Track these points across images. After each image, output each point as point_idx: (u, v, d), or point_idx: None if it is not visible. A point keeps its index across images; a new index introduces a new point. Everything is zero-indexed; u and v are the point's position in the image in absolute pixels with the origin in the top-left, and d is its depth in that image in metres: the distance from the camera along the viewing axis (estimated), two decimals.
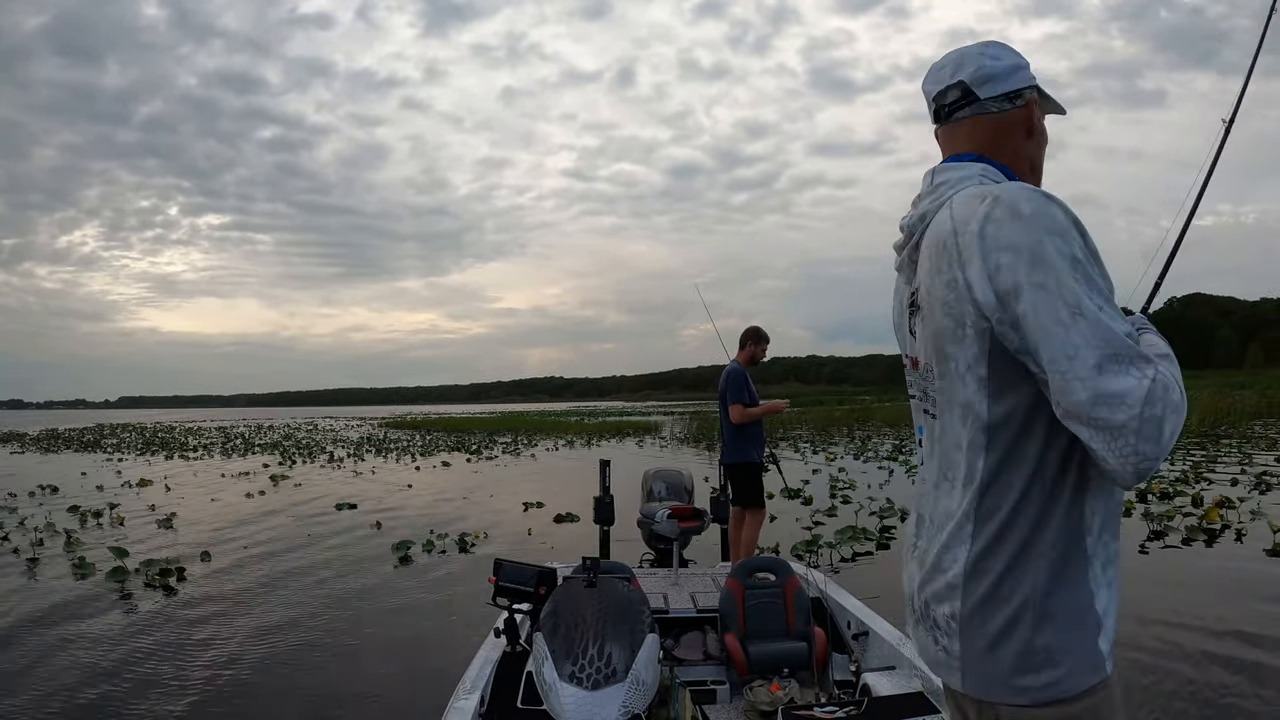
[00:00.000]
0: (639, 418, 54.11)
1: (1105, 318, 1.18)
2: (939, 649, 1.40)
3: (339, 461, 23.56)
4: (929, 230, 1.40)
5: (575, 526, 11.07)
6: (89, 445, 34.46)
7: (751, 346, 6.17)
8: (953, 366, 1.34)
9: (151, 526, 11.59)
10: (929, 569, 1.40)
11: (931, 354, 1.40)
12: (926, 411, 1.47)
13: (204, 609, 7.02)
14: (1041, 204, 1.24)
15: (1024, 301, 1.21)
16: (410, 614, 6.82)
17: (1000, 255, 1.24)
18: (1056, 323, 1.19)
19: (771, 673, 3.70)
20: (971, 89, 1.47)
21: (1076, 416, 1.18)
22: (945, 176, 1.43)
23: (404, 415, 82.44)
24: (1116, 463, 1.17)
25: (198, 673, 5.34)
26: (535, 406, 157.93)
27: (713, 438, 28.16)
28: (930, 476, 1.44)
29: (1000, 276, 1.24)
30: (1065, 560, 1.29)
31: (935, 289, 1.35)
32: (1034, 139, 1.50)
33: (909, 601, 1.48)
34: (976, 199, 1.30)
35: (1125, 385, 1.15)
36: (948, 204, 1.36)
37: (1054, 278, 1.20)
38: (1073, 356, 1.17)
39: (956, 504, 1.36)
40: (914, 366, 1.51)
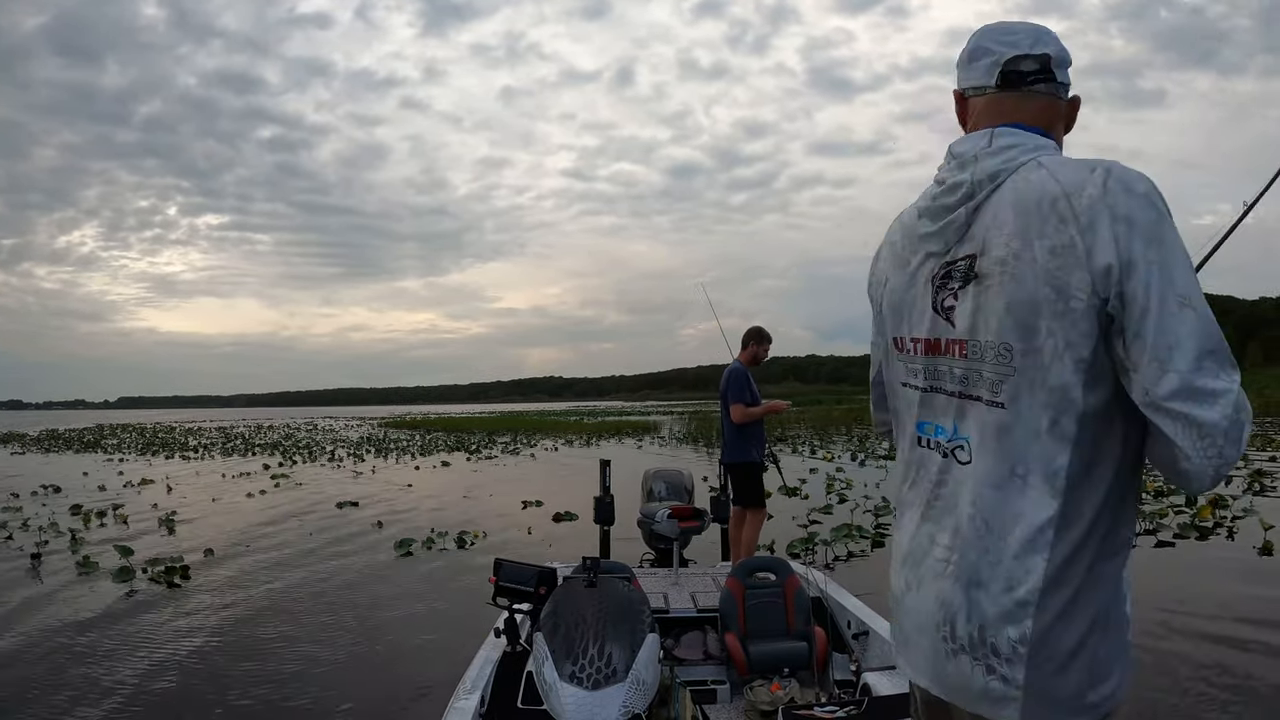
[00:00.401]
0: (638, 417, 54.25)
1: (1208, 314, 1.15)
2: (993, 679, 1.23)
3: (339, 461, 23.67)
4: (1005, 190, 1.28)
5: (574, 525, 11.18)
6: (89, 445, 34.58)
7: (754, 346, 6.18)
8: (1047, 344, 1.21)
9: (154, 526, 11.69)
10: (984, 585, 1.24)
11: (997, 329, 1.25)
12: (971, 398, 1.30)
13: (209, 606, 7.12)
14: (1152, 187, 1.19)
15: (1136, 279, 1.15)
16: (412, 610, 6.93)
17: (1119, 226, 1.17)
18: (1165, 308, 1.13)
19: (772, 672, 3.70)
20: (1051, 67, 1.38)
21: (1165, 409, 1.13)
22: (1015, 140, 1.32)
23: (403, 415, 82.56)
24: (1200, 461, 1.12)
25: (203, 668, 5.44)
26: (534, 406, 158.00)
27: (711, 437, 28.32)
28: (991, 472, 1.26)
29: (1119, 248, 1.16)
30: (1120, 560, 1.25)
31: (1029, 253, 1.22)
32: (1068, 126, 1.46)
33: (941, 626, 1.29)
34: (1083, 167, 1.23)
35: (1220, 385, 1.12)
36: (1037, 165, 1.27)
37: (1169, 260, 1.15)
38: (1174, 346, 1.12)
39: (1033, 506, 1.22)
40: (930, 350, 1.36)
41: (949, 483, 1.33)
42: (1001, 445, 1.25)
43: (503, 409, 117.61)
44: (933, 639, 1.31)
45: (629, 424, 43.82)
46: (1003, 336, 1.24)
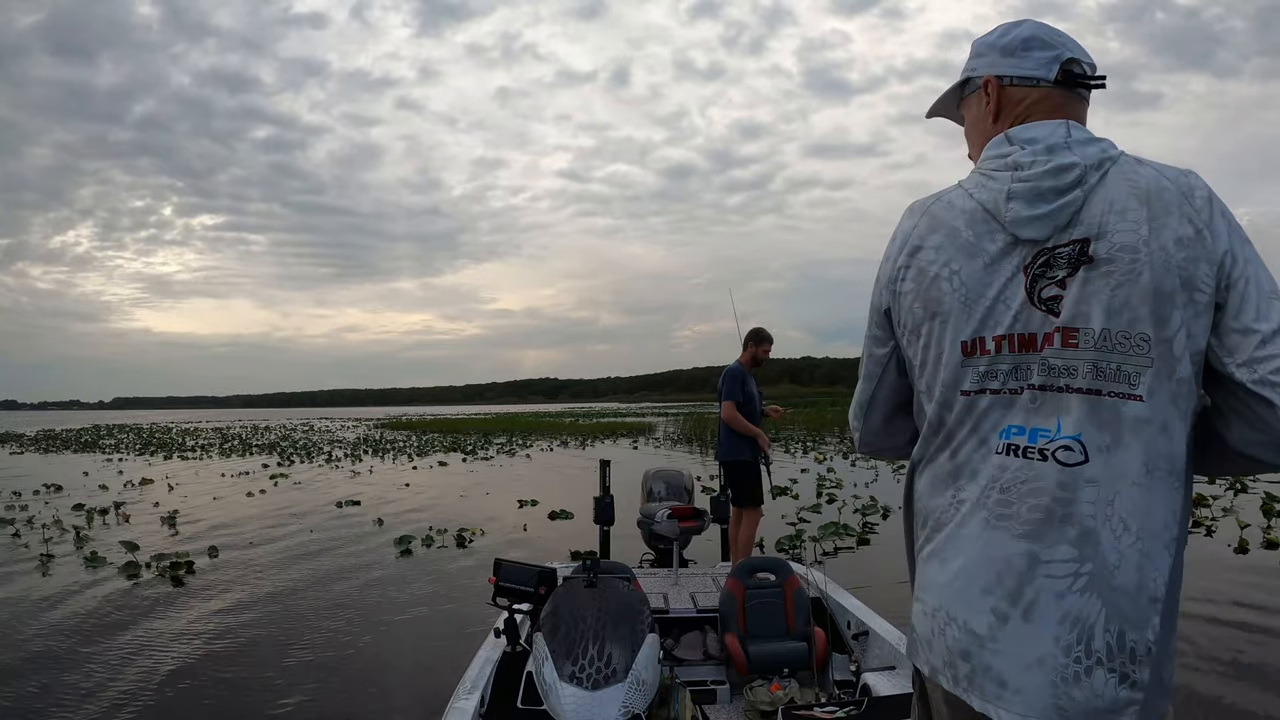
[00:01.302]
0: (633, 419, 54.46)
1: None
2: (1124, 687, 1.17)
3: (337, 462, 23.83)
4: (1116, 178, 1.26)
5: (569, 523, 11.43)
6: (87, 446, 34.69)
7: (753, 347, 6.18)
8: (1179, 335, 1.20)
9: (158, 524, 11.89)
10: (1124, 588, 1.18)
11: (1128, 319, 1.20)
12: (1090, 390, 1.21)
13: (214, 602, 7.34)
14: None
15: (1239, 269, 1.22)
16: (413, 607, 7.16)
17: (1223, 219, 1.24)
18: (1264, 295, 1.21)
19: (771, 673, 3.69)
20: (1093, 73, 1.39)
21: (1273, 383, 1.17)
22: (1092, 136, 1.32)
23: (399, 416, 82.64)
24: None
25: (208, 663, 5.62)
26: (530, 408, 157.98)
27: (705, 438, 28.56)
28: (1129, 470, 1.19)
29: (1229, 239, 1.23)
30: None
31: (1158, 242, 1.20)
32: None
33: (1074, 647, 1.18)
34: (1178, 170, 1.28)
35: None
36: (1135, 161, 1.28)
37: (1257, 257, 1.24)
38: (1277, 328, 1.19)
39: (1163, 501, 1.20)
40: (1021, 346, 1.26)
41: (1057, 489, 1.22)
42: (1139, 440, 1.19)
43: (498, 410, 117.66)
44: (1059, 666, 1.19)
45: (624, 425, 44.05)
46: (1137, 326, 1.19)
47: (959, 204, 1.33)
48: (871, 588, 6.45)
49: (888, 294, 1.39)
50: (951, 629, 1.27)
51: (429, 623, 6.60)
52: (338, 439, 37.52)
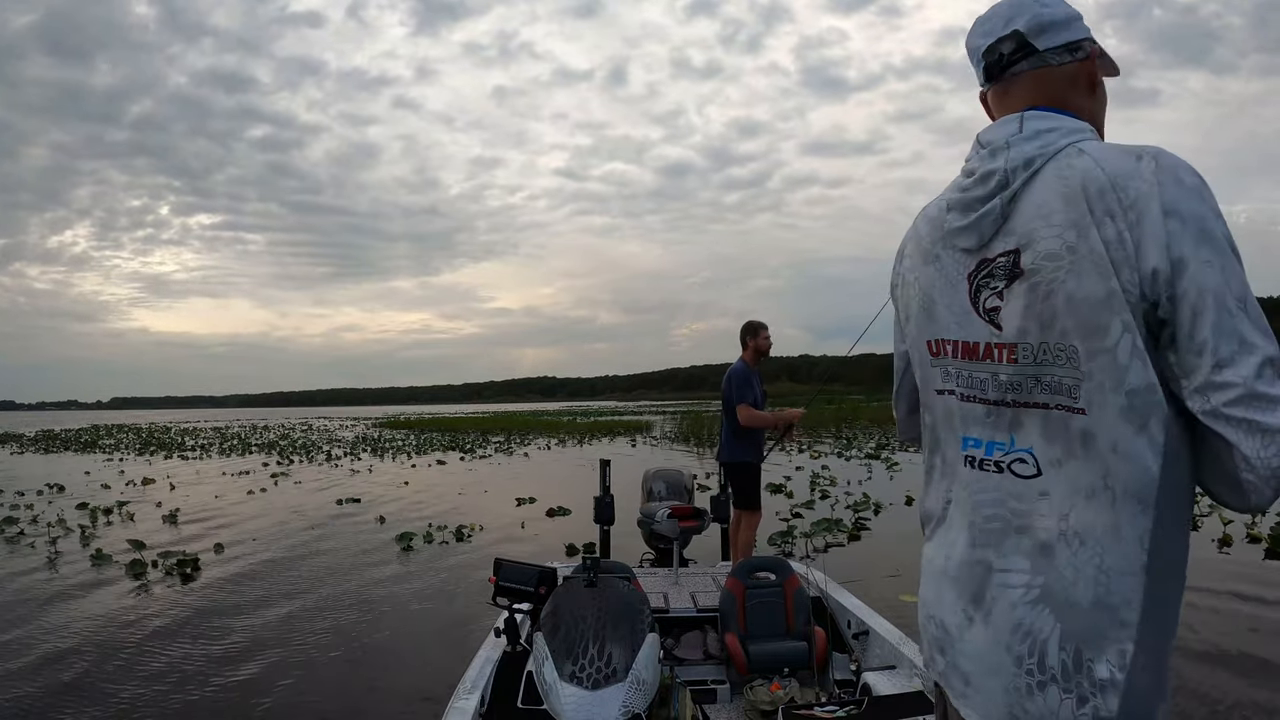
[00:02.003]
0: (631, 417, 54.63)
1: (1263, 318, 1.08)
2: (1084, 710, 1.13)
3: (336, 461, 24.00)
4: (1047, 178, 1.18)
5: (567, 520, 11.62)
6: (87, 446, 34.83)
7: (752, 341, 6.04)
8: (1123, 341, 1.11)
9: (161, 522, 12.07)
10: (1081, 605, 1.14)
11: (1060, 330, 1.15)
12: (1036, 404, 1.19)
13: (220, 597, 7.51)
14: (1202, 180, 1.11)
15: (1188, 279, 1.07)
16: (415, 598, 7.36)
17: (1170, 221, 1.08)
18: (1222, 310, 1.06)
19: (772, 672, 3.69)
20: (1028, 39, 1.28)
21: (1226, 416, 1.06)
22: (1050, 124, 1.22)
23: (397, 415, 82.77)
24: (1263, 472, 1.05)
25: (215, 659, 5.73)
26: (528, 406, 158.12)
27: (702, 436, 28.74)
28: (1081, 484, 1.15)
29: (1170, 245, 1.08)
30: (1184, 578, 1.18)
31: (1085, 245, 1.12)
32: (1097, 99, 1.32)
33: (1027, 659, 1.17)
34: (1129, 153, 1.13)
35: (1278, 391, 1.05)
36: (1077, 152, 1.17)
37: (1221, 260, 1.07)
38: (1236, 351, 1.05)
39: (1128, 520, 1.12)
40: (968, 354, 1.26)
41: (1013, 501, 1.21)
42: (1089, 454, 1.14)
43: (496, 409, 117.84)
44: (1011, 675, 1.18)
45: (621, 424, 44.21)
46: (1068, 338, 1.14)
47: (931, 211, 1.35)
48: (863, 581, 6.66)
49: (892, 296, 1.47)
50: (931, 625, 1.33)
51: (431, 617, 6.76)
52: (336, 438, 37.68)
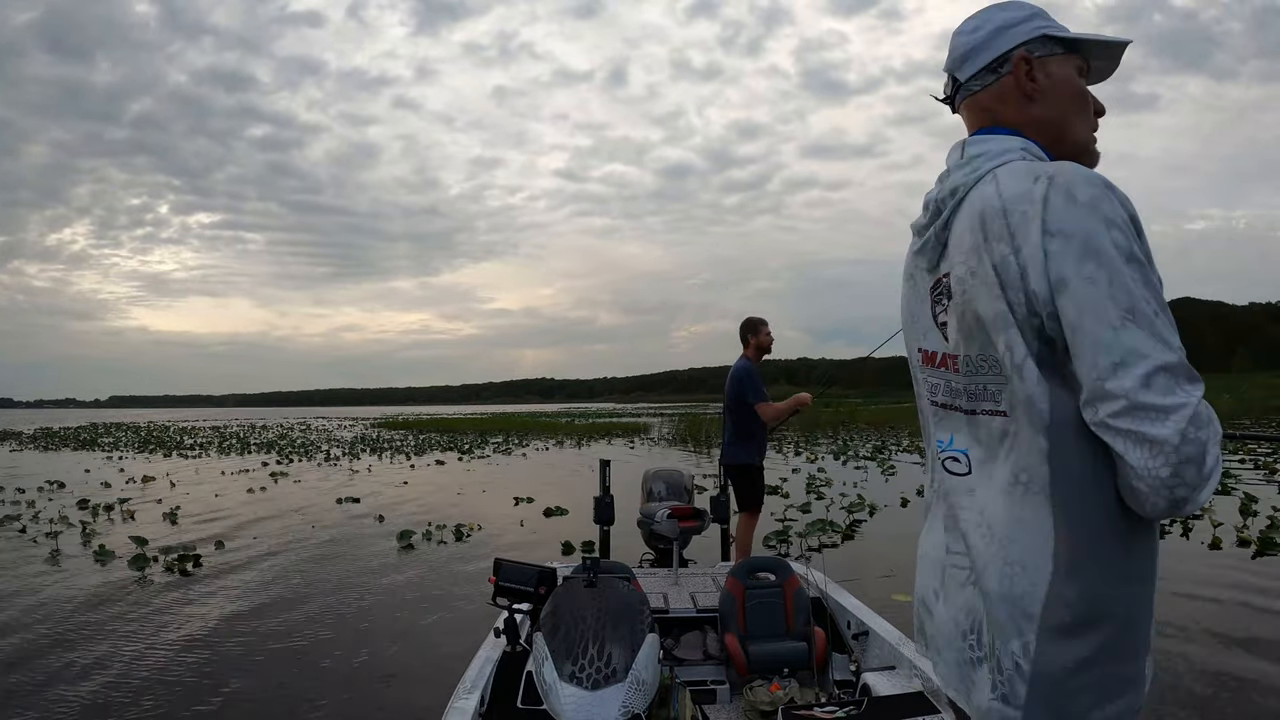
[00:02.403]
0: (629, 419, 54.74)
1: (1160, 324, 1.09)
2: (994, 697, 1.22)
3: (335, 460, 24.09)
4: (965, 206, 1.27)
5: (564, 519, 11.73)
6: (86, 444, 34.90)
7: (753, 338, 5.97)
8: (1008, 358, 1.20)
9: (162, 520, 12.14)
10: (988, 596, 1.23)
11: (978, 344, 1.25)
12: (968, 411, 1.30)
13: (221, 593, 7.60)
14: (1100, 191, 1.13)
15: (1068, 296, 1.12)
16: (415, 594, 7.46)
17: (1051, 241, 1.13)
18: (1104, 324, 1.09)
19: (771, 672, 3.69)
20: (956, 76, 1.39)
21: (1112, 428, 1.09)
22: (981, 148, 1.30)
23: (396, 416, 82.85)
24: (1152, 480, 1.08)
25: (216, 654, 5.79)
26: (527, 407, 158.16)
27: (700, 438, 28.81)
28: (999, 484, 1.25)
29: (1050, 265, 1.13)
30: (1146, 584, 1.21)
31: (982, 269, 1.21)
32: (1040, 101, 1.34)
33: (968, 635, 1.28)
34: (1028, 176, 1.19)
35: (1173, 400, 1.06)
36: (991, 178, 1.24)
37: (1106, 273, 1.10)
38: (1119, 363, 1.08)
39: (1034, 515, 1.20)
40: (940, 364, 1.35)
41: (960, 492, 1.32)
42: (1006, 453, 1.23)
43: (495, 410, 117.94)
44: (959, 649, 1.30)
45: (620, 425, 44.32)
46: (986, 350, 1.23)
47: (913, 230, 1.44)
48: (857, 581, 6.75)
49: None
50: (917, 603, 1.45)
51: (431, 614, 6.85)
52: (335, 438, 37.77)
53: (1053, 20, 1.36)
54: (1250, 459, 16.76)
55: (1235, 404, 33.20)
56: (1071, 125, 1.35)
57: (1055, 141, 1.33)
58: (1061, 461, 1.17)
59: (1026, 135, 1.32)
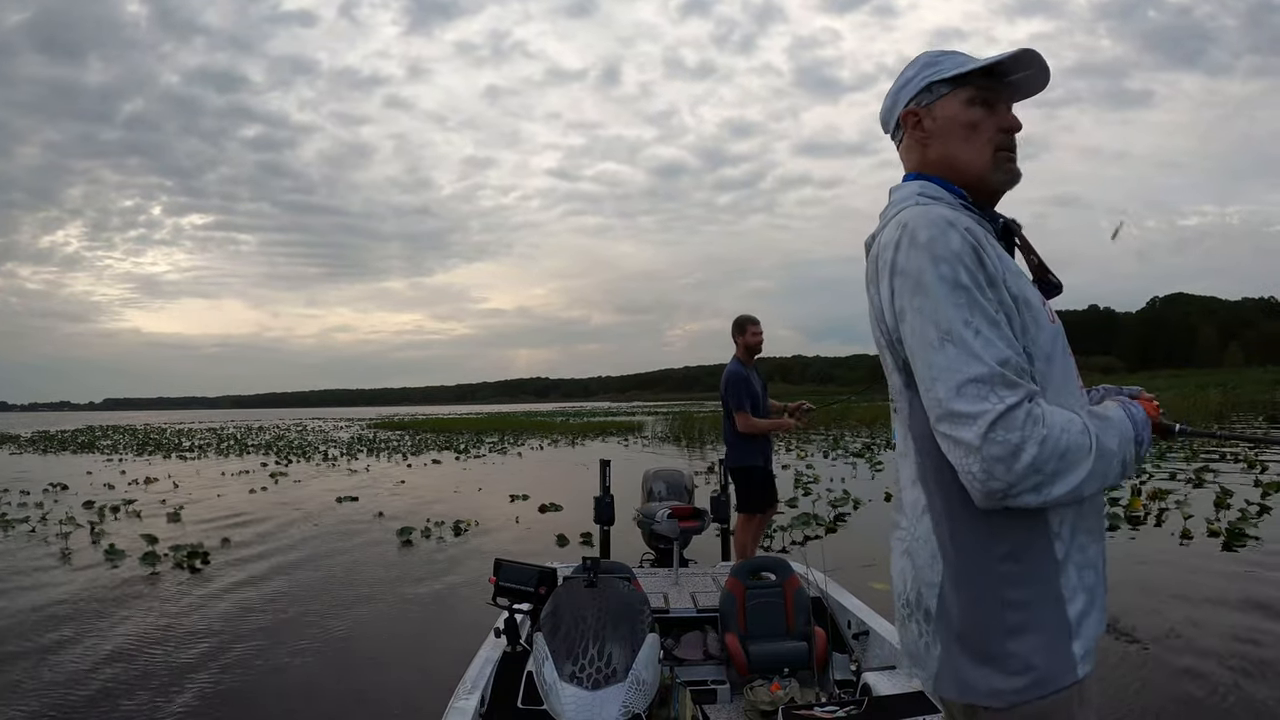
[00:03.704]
0: (623, 418, 54.88)
1: (977, 342, 1.23)
2: (919, 644, 1.41)
3: (333, 461, 24.33)
4: (871, 249, 1.47)
5: (558, 515, 12.08)
6: (84, 446, 35.07)
7: (740, 338, 5.83)
8: (887, 374, 1.45)
9: (167, 519, 12.43)
10: (915, 560, 1.42)
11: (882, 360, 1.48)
12: (895, 410, 1.50)
13: (231, 587, 7.91)
14: (937, 231, 1.29)
15: (905, 324, 1.31)
16: (416, 588, 7.81)
17: (895, 280, 1.32)
18: (926, 345, 1.26)
19: (772, 672, 3.69)
20: (886, 130, 1.60)
21: (937, 432, 1.27)
22: (892, 197, 1.50)
23: (391, 416, 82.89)
24: (966, 478, 1.24)
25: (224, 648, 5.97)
26: (522, 407, 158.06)
27: (693, 436, 29.16)
28: (906, 472, 1.46)
29: (894, 300, 1.33)
30: (1032, 565, 1.31)
31: (871, 302, 1.44)
32: (935, 142, 1.50)
33: (900, 595, 1.47)
34: (896, 225, 1.36)
35: (979, 408, 1.20)
36: (888, 225, 1.42)
37: (931, 303, 1.26)
38: (936, 378, 1.25)
39: (918, 503, 1.41)
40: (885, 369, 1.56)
41: (898, 477, 1.52)
42: (904, 446, 1.45)
43: (490, 410, 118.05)
44: (900, 607, 1.48)
45: (614, 424, 44.56)
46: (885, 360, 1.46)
47: None
48: (844, 569, 7.09)
49: None
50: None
51: (432, 608, 7.14)
52: (332, 439, 37.96)
53: (944, 61, 1.50)
54: (1231, 453, 17.02)
55: (1223, 399, 33.51)
56: (960, 158, 1.48)
57: (953, 175, 1.48)
58: (926, 456, 1.38)
59: (930, 175, 1.49)
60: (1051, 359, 1.35)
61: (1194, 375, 69.75)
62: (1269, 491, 11.48)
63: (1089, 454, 1.22)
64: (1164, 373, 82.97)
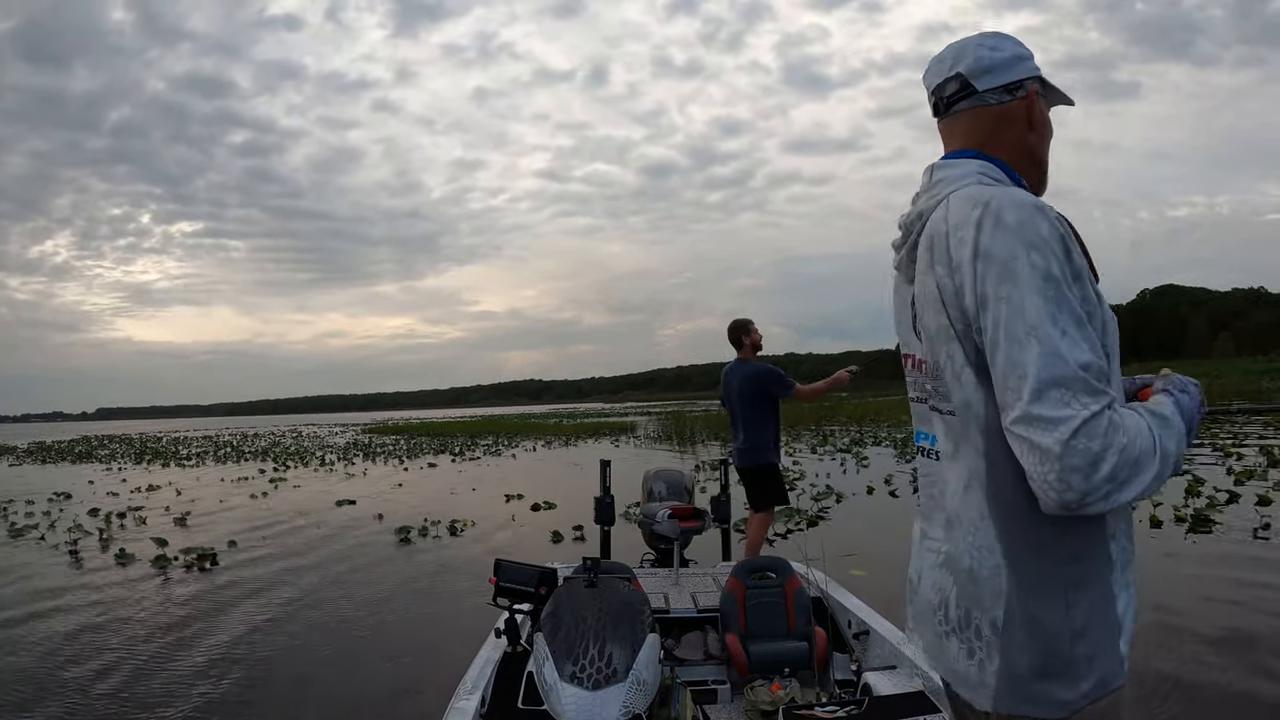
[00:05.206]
0: (616, 419, 55.17)
1: (1064, 343, 1.16)
2: (972, 663, 1.32)
3: (330, 466, 24.63)
4: (925, 229, 1.36)
5: (551, 513, 12.51)
6: (82, 456, 35.26)
7: (748, 339, 6.04)
8: (950, 367, 1.32)
9: (173, 525, 12.75)
10: (966, 575, 1.34)
11: (933, 352, 1.37)
12: (937, 410, 1.42)
13: (240, 587, 8.29)
14: (1027, 215, 1.22)
15: (988, 313, 1.22)
16: (416, 584, 8.22)
17: (979, 264, 1.23)
18: (1011, 339, 1.18)
19: (772, 672, 3.67)
20: (969, 80, 1.43)
21: (1013, 434, 1.19)
22: (943, 174, 1.40)
23: (385, 421, 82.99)
24: (1040, 485, 1.17)
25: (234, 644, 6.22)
26: (515, 409, 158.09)
27: (684, 435, 29.54)
28: (958, 476, 1.37)
29: (977, 285, 1.24)
30: (1092, 566, 1.28)
31: (929, 289, 1.33)
32: (1036, 131, 1.46)
33: (937, 610, 1.40)
34: (969, 203, 1.28)
35: (1062, 413, 1.14)
36: (944, 204, 1.33)
37: (1019, 293, 1.18)
38: (1022, 375, 1.17)
39: (979, 509, 1.32)
40: (916, 367, 1.47)
41: (934, 484, 1.44)
42: (959, 451, 1.35)
43: (483, 413, 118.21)
44: (932, 624, 1.41)
45: (607, 425, 44.88)
46: (937, 358, 1.35)
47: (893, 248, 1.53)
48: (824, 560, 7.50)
49: None
50: (908, 580, 1.55)
51: (431, 603, 7.48)
52: (328, 444, 38.19)
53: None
54: (1209, 443, 17.41)
55: (1208, 389, 34.04)
56: (1046, 155, 1.49)
57: (1034, 165, 1.47)
58: (996, 460, 1.29)
59: (1005, 158, 1.42)
60: (1113, 356, 1.32)
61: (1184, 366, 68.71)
62: (1241, 480, 11.86)
63: (1155, 459, 1.19)
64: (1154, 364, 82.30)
